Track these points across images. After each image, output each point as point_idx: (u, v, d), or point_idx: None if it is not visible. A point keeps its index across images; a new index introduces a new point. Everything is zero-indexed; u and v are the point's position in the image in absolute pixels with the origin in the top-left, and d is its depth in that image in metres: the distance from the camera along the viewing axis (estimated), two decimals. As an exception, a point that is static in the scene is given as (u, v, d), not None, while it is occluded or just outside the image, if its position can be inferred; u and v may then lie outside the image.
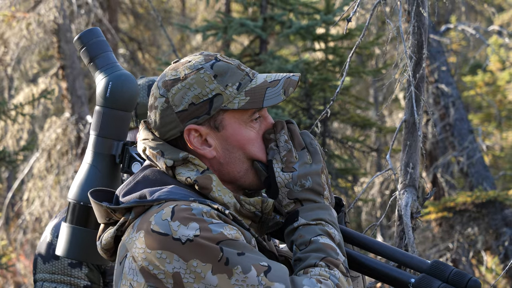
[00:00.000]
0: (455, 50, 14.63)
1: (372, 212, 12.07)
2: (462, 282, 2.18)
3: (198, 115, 2.28)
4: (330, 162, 9.10)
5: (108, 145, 2.71)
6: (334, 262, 2.19)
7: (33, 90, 10.97)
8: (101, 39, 2.80)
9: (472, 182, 10.46)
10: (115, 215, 2.27)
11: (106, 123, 2.71)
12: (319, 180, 2.29)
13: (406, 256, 2.30)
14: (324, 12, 9.11)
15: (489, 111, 15.18)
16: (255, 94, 2.29)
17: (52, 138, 10.79)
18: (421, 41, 3.73)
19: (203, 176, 2.26)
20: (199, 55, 2.35)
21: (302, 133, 2.37)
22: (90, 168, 2.70)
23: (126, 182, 2.33)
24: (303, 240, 2.23)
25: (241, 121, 2.31)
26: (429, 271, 2.23)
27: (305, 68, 8.91)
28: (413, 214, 3.71)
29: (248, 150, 2.31)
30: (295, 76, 2.33)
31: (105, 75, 2.73)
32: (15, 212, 14.22)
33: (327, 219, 2.26)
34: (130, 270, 2.18)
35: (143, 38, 14.56)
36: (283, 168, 2.30)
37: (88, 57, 2.78)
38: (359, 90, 16.17)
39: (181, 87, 2.29)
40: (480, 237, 8.91)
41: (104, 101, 2.71)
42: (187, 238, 2.10)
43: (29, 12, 10.28)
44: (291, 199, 2.29)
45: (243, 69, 2.33)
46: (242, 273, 2.09)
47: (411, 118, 3.73)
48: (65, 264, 3.33)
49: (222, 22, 9.42)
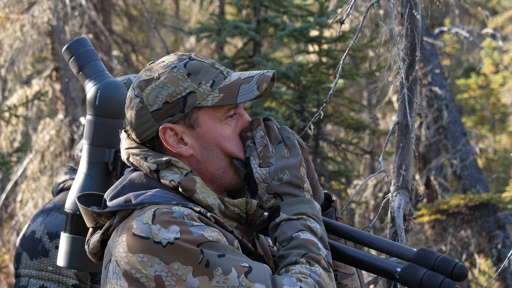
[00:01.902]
0: (448, 53, 14.66)
1: (365, 215, 12.07)
2: (448, 268, 2.18)
3: (172, 114, 2.29)
4: (324, 165, 9.10)
5: (100, 154, 2.73)
6: (315, 258, 2.18)
7: (27, 91, 10.95)
8: (89, 49, 2.82)
9: (465, 185, 10.48)
10: (101, 219, 2.28)
11: (97, 132, 2.73)
12: (297, 173, 2.29)
13: (393, 246, 2.30)
14: (317, 14, 9.12)
15: (483, 114, 15.21)
16: (229, 90, 2.29)
17: (46, 139, 10.77)
18: (414, 43, 3.74)
19: (187, 179, 2.26)
20: (173, 55, 2.36)
21: (280, 128, 2.37)
22: (85, 178, 2.74)
23: (113, 186, 2.33)
24: (285, 236, 2.22)
25: (216, 118, 2.31)
26: (415, 259, 2.23)
27: (299, 71, 8.92)
28: (406, 216, 3.72)
29: (224, 147, 2.31)
30: (269, 72, 2.33)
31: (94, 84, 2.76)
32: (8, 214, 14.18)
33: (309, 213, 2.25)
34: (114, 274, 2.18)
35: (137, 40, 14.56)
36: (260, 163, 2.30)
37: (77, 67, 2.80)
38: (352, 92, 16.18)
39: (155, 86, 2.30)
40: (473, 240, 8.92)
41: (94, 109, 2.74)
42: (168, 241, 2.10)
43: (23, 14, 10.27)
44: (270, 194, 2.28)
45: (217, 68, 2.34)
46: (222, 274, 2.08)
47: (404, 120, 3.74)
48: (54, 262, 3.33)
49: (215, 24, 9.42)
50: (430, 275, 2.17)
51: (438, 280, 2.16)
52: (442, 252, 9.05)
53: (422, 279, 2.17)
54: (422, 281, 2.17)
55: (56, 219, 3.38)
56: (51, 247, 3.34)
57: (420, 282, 2.18)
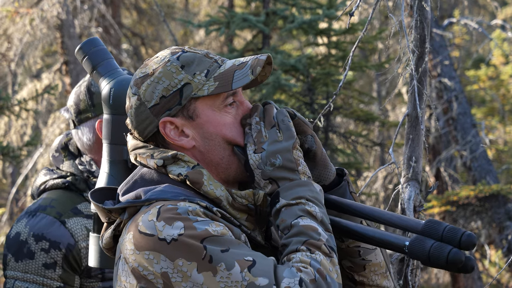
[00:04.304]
0: (458, 44, 14.62)
1: (376, 206, 12.07)
2: (456, 237, 2.16)
3: (170, 107, 2.28)
4: (333, 157, 9.10)
5: (119, 151, 2.75)
6: (315, 244, 2.16)
7: (37, 85, 10.99)
8: (101, 48, 2.84)
9: (475, 176, 10.47)
10: (112, 216, 2.29)
11: (114, 130, 2.75)
12: (290, 156, 2.26)
13: (402, 220, 2.28)
14: (326, 6, 9.11)
15: (493, 105, 15.16)
16: (224, 78, 2.28)
17: (56, 133, 10.81)
18: (423, 35, 3.74)
19: (194, 171, 2.26)
20: (167, 50, 2.36)
21: (277, 111, 2.35)
22: (108, 177, 2.76)
23: (126, 181, 2.34)
24: (285, 224, 2.21)
25: (214, 107, 2.30)
26: (423, 231, 2.21)
27: (308, 63, 8.92)
28: (416, 208, 3.72)
29: (225, 135, 2.30)
30: (263, 55, 2.32)
31: (107, 82, 2.76)
32: (19, 207, 14.22)
33: (308, 196, 2.23)
34: (123, 272, 2.19)
35: (146, 33, 14.57)
36: (255, 150, 2.28)
37: (90, 66, 2.82)
38: (362, 84, 16.16)
39: (150, 82, 2.30)
40: (484, 231, 8.92)
41: (109, 108, 2.75)
42: (172, 237, 2.11)
43: (32, 8, 10.29)
44: (266, 180, 2.27)
45: (212, 57, 2.33)
46: (226, 270, 2.08)
47: (414, 112, 3.74)
48: (39, 264, 3.30)
49: (224, 17, 9.42)
50: (437, 246, 2.16)
51: (445, 251, 2.14)
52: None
53: (430, 251, 2.16)
54: (430, 253, 2.16)
55: (42, 220, 3.35)
56: (36, 249, 3.32)
57: (428, 253, 2.16)
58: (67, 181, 3.43)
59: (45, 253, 3.30)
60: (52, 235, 3.32)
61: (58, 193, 3.44)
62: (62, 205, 3.39)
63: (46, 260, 3.30)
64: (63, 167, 3.49)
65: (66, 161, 3.50)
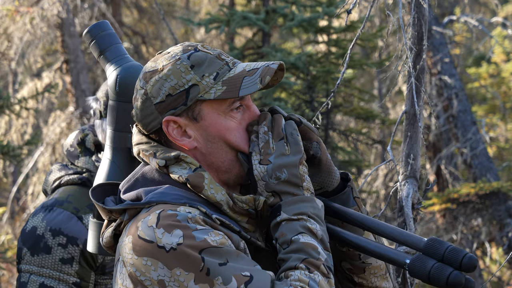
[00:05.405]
0: (458, 42, 14.62)
1: (376, 204, 12.07)
2: (457, 259, 2.14)
3: (175, 106, 2.26)
4: (334, 155, 9.11)
5: (123, 139, 2.74)
6: (314, 263, 2.15)
7: (37, 84, 10.99)
8: (110, 32, 2.81)
9: (475, 174, 10.47)
10: (112, 215, 2.28)
11: (119, 117, 2.73)
12: (295, 171, 2.25)
13: (403, 235, 2.26)
14: (326, 4, 9.11)
15: (494, 103, 15.16)
16: (232, 83, 2.26)
17: (57, 132, 10.82)
18: (421, 32, 3.74)
19: (195, 174, 2.24)
20: (179, 46, 2.33)
21: (286, 123, 2.32)
22: (110, 164, 2.75)
23: (128, 178, 2.33)
24: (285, 239, 2.19)
25: (220, 111, 2.28)
26: (425, 249, 2.19)
27: (308, 61, 8.92)
28: (414, 205, 3.71)
29: (228, 140, 2.28)
30: (274, 64, 2.29)
31: (114, 68, 2.75)
32: (20, 206, 14.24)
33: (310, 213, 2.22)
34: (121, 274, 2.19)
35: (147, 31, 14.57)
36: (260, 160, 2.27)
37: (98, 50, 2.79)
38: (363, 82, 16.17)
39: (158, 78, 2.28)
40: (484, 228, 8.93)
41: (115, 95, 2.74)
42: (171, 246, 2.10)
43: (32, 7, 10.29)
44: (269, 192, 2.25)
45: (223, 59, 2.30)
46: (222, 284, 2.07)
47: (412, 109, 3.74)
48: (56, 259, 3.29)
49: (224, 15, 9.43)
50: (438, 267, 2.15)
51: (446, 273, 2.13)
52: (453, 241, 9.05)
53: (431, 271, 2.15)
54: (430, 273, 2.15)
55: (59, 215, 3.34)
56: (53, 244, 3.31)
57: (428, 274, 2.15)
58: (83, 177, 3.42)
59: (62, 248, 3.29)
60: (70, 231, 3.30)
61: (74, 189, 3.42)
62: (79, 201, 3.37)
63: (64, 255, 3.28)
64: (78, 163, 3.47)
65: (82, 157, 3.47)
